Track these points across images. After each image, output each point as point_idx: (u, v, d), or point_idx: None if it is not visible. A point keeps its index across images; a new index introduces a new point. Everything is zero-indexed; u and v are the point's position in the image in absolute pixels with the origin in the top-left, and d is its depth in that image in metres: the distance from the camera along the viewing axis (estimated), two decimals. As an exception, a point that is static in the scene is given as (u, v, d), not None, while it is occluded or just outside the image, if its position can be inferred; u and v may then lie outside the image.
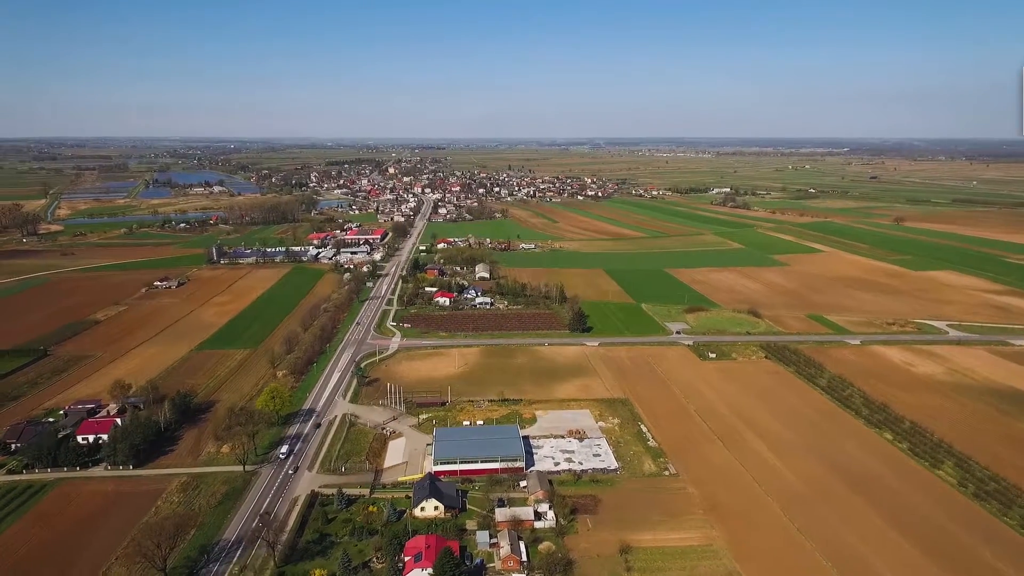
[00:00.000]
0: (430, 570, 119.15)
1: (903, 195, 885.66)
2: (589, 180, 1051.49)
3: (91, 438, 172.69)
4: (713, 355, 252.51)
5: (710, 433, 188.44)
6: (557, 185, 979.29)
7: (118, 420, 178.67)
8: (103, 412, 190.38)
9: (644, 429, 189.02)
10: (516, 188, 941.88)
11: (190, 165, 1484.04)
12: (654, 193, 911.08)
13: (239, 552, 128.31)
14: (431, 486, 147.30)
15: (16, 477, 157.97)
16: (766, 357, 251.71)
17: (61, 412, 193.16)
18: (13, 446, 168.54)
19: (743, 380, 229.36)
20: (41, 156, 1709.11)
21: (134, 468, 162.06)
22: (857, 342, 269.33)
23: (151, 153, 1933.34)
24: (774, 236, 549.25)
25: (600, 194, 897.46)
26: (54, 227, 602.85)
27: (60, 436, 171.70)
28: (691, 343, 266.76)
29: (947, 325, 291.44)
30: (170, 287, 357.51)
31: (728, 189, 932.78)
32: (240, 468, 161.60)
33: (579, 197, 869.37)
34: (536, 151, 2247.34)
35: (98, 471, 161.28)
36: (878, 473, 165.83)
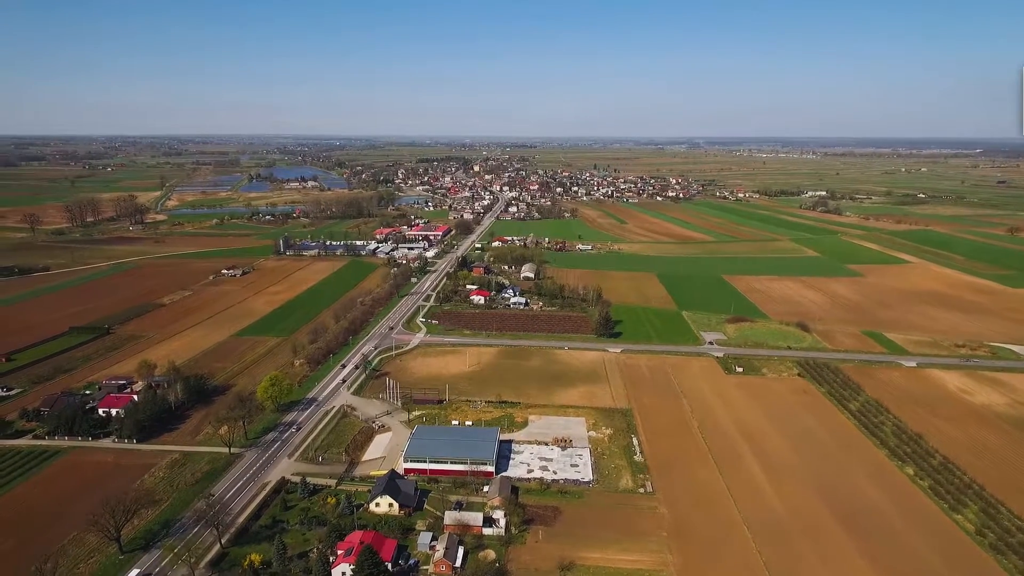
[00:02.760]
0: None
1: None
2: (674, 181, 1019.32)
3: (112, 411, 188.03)
4: (740, 369, 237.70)
5: (706, 452, 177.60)
6: (638, 185, 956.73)
7: (135, 397, 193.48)
8: (130, 388, 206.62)
9: (635, 442, 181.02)
10: (595, 188, 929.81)
11: (295, 161, 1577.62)
12: (740, 195, 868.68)
13: (195, 530, 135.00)
14: (388, 483, 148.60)
15: (39, 442, 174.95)
16: (798, 374, 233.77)
17: (97, 386, 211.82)
18: (45, 414, 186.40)
19: (764, 397, 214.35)
20: (169, 152, 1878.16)
21: (137, 442, 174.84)
22: (912, 364, 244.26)
23: (264, 150, 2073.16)
24: (858, 244, 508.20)
25: (681, 195, 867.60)
26: (159, 217, 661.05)
27: (87, 408, 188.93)
28: (721, 355, 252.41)
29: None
30: (235, 275, 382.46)
31: (823, 192, 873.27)
32: (226, 450, 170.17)
33: (658, 198, 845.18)
34: (630, 150, 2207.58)
35: (106, 443, 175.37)
36: (882, 511, 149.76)
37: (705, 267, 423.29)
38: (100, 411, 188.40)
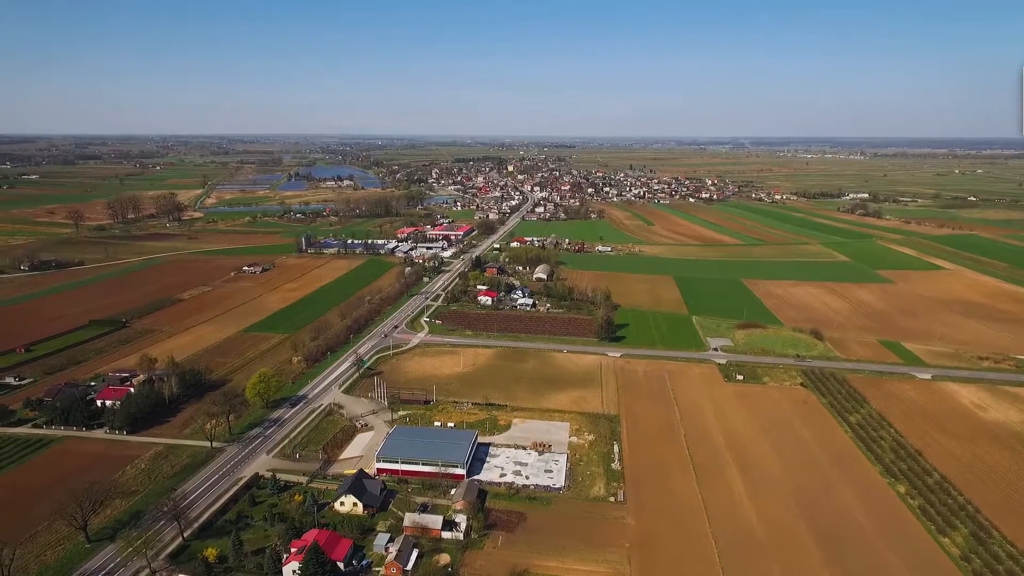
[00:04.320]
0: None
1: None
2: (710, 182, 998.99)
3: (107, 403, 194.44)
4: (741, 377, 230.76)
5: (688, 461, 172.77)
6: (672, 186, 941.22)
7: (131, 389, 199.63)
8: (131, 381, 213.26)
9: (616, 449, 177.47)
10: (627, 188, 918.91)
11: (335, 160, 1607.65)
12: (777, 197, 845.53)
13: (162, 522, 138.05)
14: (354, 482, 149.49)
15: (36, 431, 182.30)
16: (801, 384, 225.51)
17: (102, 378, 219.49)
18: (47, 403, 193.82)
19: (760, 407, 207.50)
20: (218, 151, 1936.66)
21: (128, 434, 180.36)
22: (927, 376, 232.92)
23: (307, 149, 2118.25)
24: (893, 249, 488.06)
25: (715, 196, 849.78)
26: (196, 214, 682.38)
27: (87, 399, 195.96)
28: (723, 362, 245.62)
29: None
30: (255, 272, 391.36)
31: (865, 195, 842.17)
32: (208, 444, 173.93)
33: (690, 199, 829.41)
34: (670, 150, 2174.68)
35: (99, 433, 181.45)
36: (863, 530, 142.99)
37: (726, 271, 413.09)
38: (99, 402, 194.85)
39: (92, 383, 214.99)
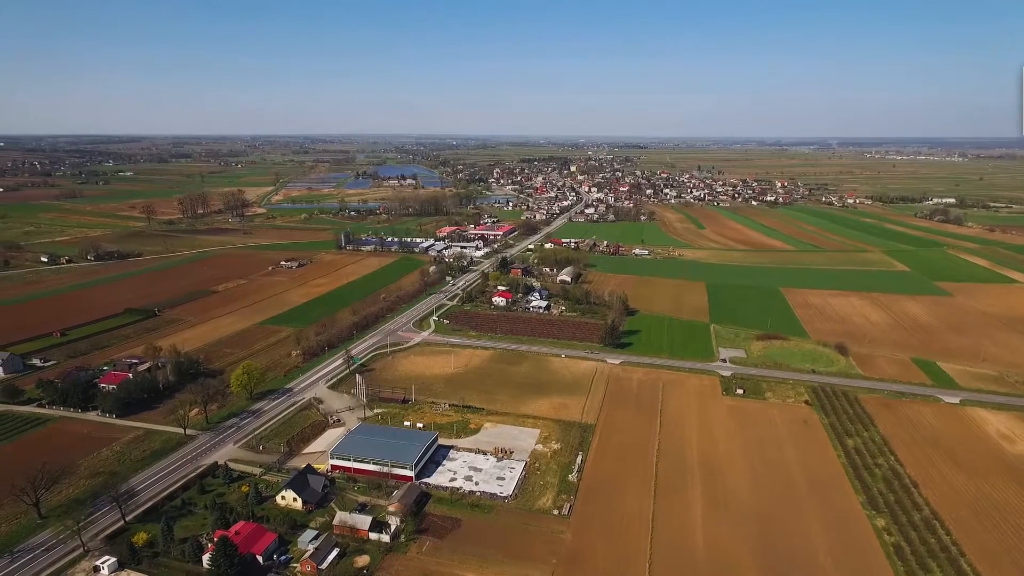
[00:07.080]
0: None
1: None
2: (779, 184, 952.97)
3: (108, 387, 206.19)
4: (741, 391, 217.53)
5: (651, 478, 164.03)
6: (737, 188, 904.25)
7: (129, 375, 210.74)
8: (135, 368, 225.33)
9: (579, 460, 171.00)
10: (688, 190, 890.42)
11: (405, 159, 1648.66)
12: (849, 201, 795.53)
13: (109, 506, 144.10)
14: (296, 478, 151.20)
15: (39, 410, 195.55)
16: (806, 402, 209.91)
17: (114, 363, 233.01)
18: (56, 385, 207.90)
19: (751, 424, 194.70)
20: (298, 150, 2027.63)
21: (117, 417, 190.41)
22: (954, 400, 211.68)
23: (382, 148, 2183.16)
24: (964, 259, 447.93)
25: (781, 200, 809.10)
26: (259, 210, 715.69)
27: (93, 383, 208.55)
28: (728, 374, 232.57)
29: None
30: (291, 267, 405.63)
31: (951, 199, 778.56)
32: (182, 431, 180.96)
33: (753, 202, 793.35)
34: (747, 151, 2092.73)
35: (92, 416, 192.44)
36: (816, 565, 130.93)
37: (765, 278, 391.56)
38: (100, 386, 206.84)
39: (104, 367, 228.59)
